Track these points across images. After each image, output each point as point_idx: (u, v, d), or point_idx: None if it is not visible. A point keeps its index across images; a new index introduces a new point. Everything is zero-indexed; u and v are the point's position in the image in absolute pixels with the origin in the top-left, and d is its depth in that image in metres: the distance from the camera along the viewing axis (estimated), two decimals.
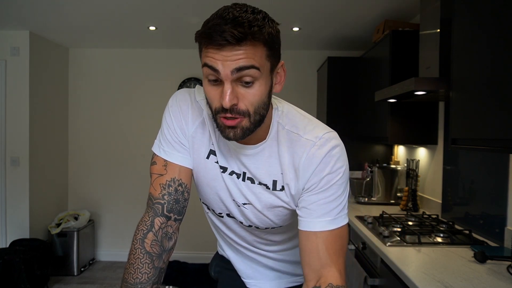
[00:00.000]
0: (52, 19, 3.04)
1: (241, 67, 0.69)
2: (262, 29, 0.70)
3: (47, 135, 3.69)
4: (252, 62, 0.69)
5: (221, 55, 0.69)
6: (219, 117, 0.75)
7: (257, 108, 0.74)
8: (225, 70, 0.69)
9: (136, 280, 0.81)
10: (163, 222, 0.86)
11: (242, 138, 0.77)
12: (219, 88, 0.73)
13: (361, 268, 1.93)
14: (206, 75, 0.74)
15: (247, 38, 0.68)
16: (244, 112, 0.73)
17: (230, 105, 0.71)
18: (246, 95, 0.72)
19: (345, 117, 3.32)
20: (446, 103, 2.34)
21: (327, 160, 0.82)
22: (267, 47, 0.72)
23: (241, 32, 0.67)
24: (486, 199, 1.89)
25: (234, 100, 0.72)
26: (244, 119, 0.74)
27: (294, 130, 0.85)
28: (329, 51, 3.87)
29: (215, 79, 0.72)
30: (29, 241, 3.28)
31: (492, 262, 1.49)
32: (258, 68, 0.71)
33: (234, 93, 0.71)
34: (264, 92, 0.75)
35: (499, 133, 1.25)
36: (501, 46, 1.25)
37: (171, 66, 4.00)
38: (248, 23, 0.68)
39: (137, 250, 0.83)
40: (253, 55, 0.70)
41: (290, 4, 2.65)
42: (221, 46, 0.68)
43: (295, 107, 0.92)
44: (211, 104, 0.76)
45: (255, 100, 0.73)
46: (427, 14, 2.09)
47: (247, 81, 0.71)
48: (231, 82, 0.71)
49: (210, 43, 0.69)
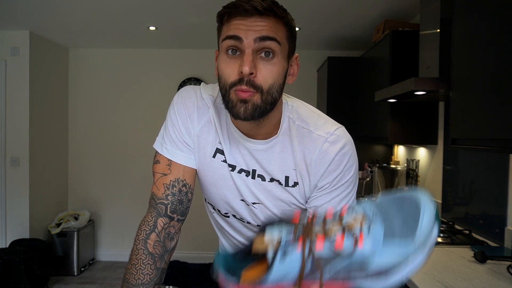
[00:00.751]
0: (52, 19, 3.04)
1: (264, 37, 0.71)
2: (285, 11, 0.75)
3: (47, 135, 3.69)
4: (274, 34, 0.72)
5: (245, 24, 0.71)
6: (233, 90, 0.74)
7: (271, 86, 0.74)
8: (248, 38, 0.71)
9: (138, 281, 0.81)
10: (166, 222, 0.85)
11: (251, 117, 0.75)
12: (238, 60, 0.73)
13: None
14: (226, 48, 0.74)
15: (272, 11, 0.72)
16: (258, 86, 0.73)
17: (249, 72, 0.71)
18: (264, 69, 0.73)
19: (345, 117, 3.31)
20: (446, 103, 2.34)
21: (340, 158, 0.82)
22: (287, 29, 0.75)
23: (267, 4, 0.71)
24: (486, 199, 1.89)
25: (253, 69, 0.72)
26: (256, 94, 0.73)
27: (304, 126, 0.85)
28: (329, 51, 3.87)
29: (235, 50, 0.73)
30: (29, 241, 3.28)
31: (492, 262, 1.49)
32: (279, 42, 0.73)
33: (253, 62, 0.72)
34: (281, 72, 0.75)
35: (499, 133, 1.25)
36: (501, 46, 1.25)
37: (171, 66, 4.00)
38: (272, 2, 0.73)
39: (140, 251, 0.82)
40: (276, 29, 0.73)
41: (290, 4, 2.63)
42: (247, 14, 0.71)
43: (304, 102, 0.92)
44: (227, 79, 0.75)
45: (272, 76, 0.74)
46: (427, 14, 2.10)
47: (268, 52, 0.73)
48: (252, 51, 0.72)
49: (236, 12, 0.72)
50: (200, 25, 3.13)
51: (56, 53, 3.81)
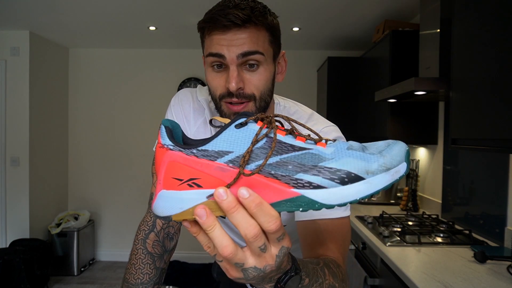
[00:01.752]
0: (52, 19, 3.04)
1: (246, 52, 0.70)
2: (264, 15, 0.72)
3: (47, 135, 3.69)
4: (256, 47, 0.71)
5: (226, 39, 0.70)
6: (224, 103, 0.75)
7: (262, 93, 0.75)
8: (231, 54, 0.70)
9: (138, 280, 0.81)
10: (165, 222, 0.86)
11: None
12: (223, 74, 0.73)
13: (361, 268, 1.93)
14: (210, 63, 0.74)
15: (251, 21, 0.70)
16: (250, 96, 0.74)
17: (237, 88, 0.72)
18: (252, 80, 0.73)
19: (345, 117, 3.32)
20: (446, 103, 2.34)
21: None
22: (269, 33, 0.74)
23: (245, 14, 0.69)
24: (486, 199, 1.89)
25: (240, 83, 0.72)
26: (249, 103, 0.74)
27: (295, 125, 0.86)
28: (329, 51, 3.87)
29: (219, 65, 0.73)
30: (29, 241, 3.28)
31: (492, 262, 1.49)
32: (262, 53, 0.72)
33: (239, 76, 0.72)
34: (268, 77, 0.76)
35: (499, 133, 1.25)
36: (501, 46, 1.25)
37: (171, 66, 4.00)
38: (251, 8, 0.70)
39: (139, 251, 0.83)
40: (257, 39, 0.71)
41: (290, 4, 2.65)
42: (226, 28, 0.70)
43: (297, 103, 0.94)
44: (215, 92, 0.76)
45: (261, 84, 0.74)
46: (427, 14, 2.10)
47: (252, 64, 0.72)
48: (236, 66, 0.72)
49: (215, 27, 0.71)
50: None
51: (56, 53, 3.81)
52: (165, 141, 0.43)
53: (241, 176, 0.41)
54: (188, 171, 0.42)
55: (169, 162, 0.42)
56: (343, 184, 0.41)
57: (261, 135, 0.42)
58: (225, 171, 0.41)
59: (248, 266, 0.43)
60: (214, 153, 0.42)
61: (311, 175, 0.41)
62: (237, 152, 0.42)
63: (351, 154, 0.42)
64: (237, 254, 0.42)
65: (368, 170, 0.41)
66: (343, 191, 0.41)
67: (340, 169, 0.41)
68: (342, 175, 0.41)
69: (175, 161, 0.42)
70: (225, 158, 0.42)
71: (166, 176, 0.42)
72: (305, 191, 0.41)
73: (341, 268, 0.71)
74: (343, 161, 0.41)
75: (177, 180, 0.42)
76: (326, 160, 0.41)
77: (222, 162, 0.42)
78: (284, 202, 0.41)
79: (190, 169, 0.42)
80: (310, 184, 0.41)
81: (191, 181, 0.42)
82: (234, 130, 0.42)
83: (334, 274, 0.66)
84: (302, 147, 0.43)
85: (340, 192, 0.41)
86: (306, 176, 0.41)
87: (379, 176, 0.41)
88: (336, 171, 0.41)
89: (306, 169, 0.41)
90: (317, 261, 0.65)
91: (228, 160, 0.42)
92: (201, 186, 0.42)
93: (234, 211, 0.41)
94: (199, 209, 0.41)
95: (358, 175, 0.41)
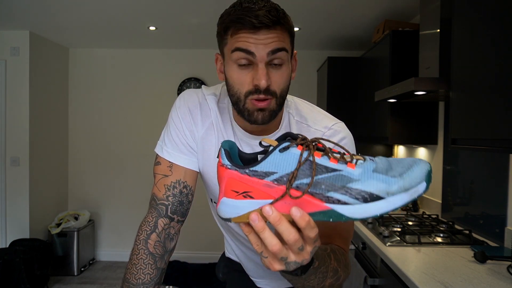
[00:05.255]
0: (52, 19, 3.04)
1: (275, 49, 0.72)
2: (287, 17, 0.76)
3: (47, 135, 3.69)
4: (283, 45, 0.74)
5: (255, 38, 0.72)
6: (250, 99, 0.76)
7: (283, 90, 0.78)
8: (261, 52, 0.72)
9: (139, 280, 0.81)
10: (166, 223, 0.85)
11: (269, 121, 0.79)
12: (249, 71, 0.75)
13: (361, 268, 1.93)
14: (236, 60, 0.75)
15: (279, 23, 0.73)
16: (273, 92, 0.76)
17: (267, 85, 0.74)
18: (276, 77, 0.75)
19: (345, 117, 3.26)
20: (446, 103, 2.34)
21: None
22: (290, 34, 0.77)
23: (275, 16, 0.71)
24: (486, 199, 1.89)
25: (268, 80, 0.74)
26: (272, 99, 0.76)
27: (303, 121, 0.88)
28: (329, 51, 3.87)
29: (246, 63, 0.74)
30: (29, 241, 3.28)
31: (492, 262, 1.49)
32: (287, 50, 0.75)
33: (267, 74, 0.74)
34: (289, 75, 0.79)
35: (499, 133, 1.25)
36: (501, 46, 1.25)
37: (171, 66, 4.00)
38: (276, 10, 0.73)
39: (140, 251, 0.83)
40: (283, 38, 0.74)
41: (290, 4, 2.65)
42: (256, 29, 0.71)
43: (302, 99, 0.95)
44: (240, 88, 0.76)
45: (283, 82, 0.77)
46: (427, 14, 2.10)
47: (277, 63, 0.75)
48: (265, 64, 0.73)
49: (243, 27, 0.72)
50: (200, 25, 3.13)
51: (56, 53, 3.81)
52: (224, 161, 0.53)
53: (286, 195, 0.51)
54: (243, 186, 0.53)
55: (228, 178, 0.53)
56: (365, 202, 0.50)
57: (303, 159, 0.51)
58: (271, 187, 0.52)
59: (290, 261, 0.54)
60: (262, 173, 0.52)
61: (340, 194, 0.50)
62: (281, 173, 0.51)
63: (375, 177, 0.50)
64: (282, 251, 0.52)
65: (388, 191, 0.49)
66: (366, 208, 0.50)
67: (364, 190, 0.50)
68: (365, 196, 0.50)
69: (232, 178, 0.53)
70: (271, 177, 0.52)
71: (227, 188, 0.53)
72: (335, 206, 0.51)
73: (345, 255, 0.81)
74: (367, 183, 0.50)
75: (235, 192, 0.53)
76: (354, 181, 0.50)
77: (269, 180, 0.52)
78: (318, 213, 0.52)
79: (244, 185, 0.53)
80: (339, 201, 0.50)
81: (245, 193, 0.53)
82: (278, 154, 0.52)
83: (338, 260, 0.75)
84: (334, 169, 0.51)
85: (363, 208, 0.50)
86: (336, 194, 0.50)
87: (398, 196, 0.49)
88: (361, 191, 0.50)
89: (336, 188, 0.50)
90: (325, 247, 0.74)
91: (274, 179, 0.52)
92: (253, 197, 0.52)
93: (278, 224, 0.51)
94: (253, 214, 0.51)
95: (379, 195, 0.49)
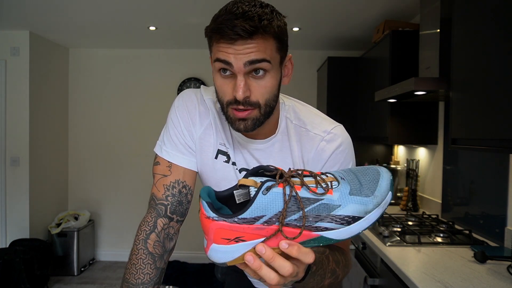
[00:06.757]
0: (52, 19, 3.04)
1: (253, 60, 0.70)
2: (271, 23, 0.72)
3: (47, 135, 3.69)
4: (263, 55, 0.71)
5: (233, 49, 0.70)
6: (230, 108, 0.76)
7: (267, 100, 0.76)
8: (238, 63, 0.71)
9: (138, 280, 0.81)
10: (165, 223, 0.85)
11: (252, 130, 0.78)
12: (231, 81, 0.74)
13: (361, 268, 1.93)
14: (217, 69, 0.74)
15: (258, 32, 0.69)
16: (255, 103, 0.74)
17: (244, 97, 0.72)
18: (258, 87, 0.74)
19: (345, 117, 3.31)
20: (446, 103, 2.34)
21: (336, 156, 0.84)
22: (276, 40, 0.74)
23: (252, 26, 0.68)
24: (486, 199, 1.89)
25: (247, 92, 0.73)
26: (254, 110, 0.75)
27: (301, 125, 0.87)
28: (329, 51, 3.87)
29: (228, 73, 0.74)
30: (29, 241, 3.28)
31: (492, 262, 1.49)
32: (269, 61, 0.72)
33: (246, 85, 0.73)
34: (274, 84, 0.76)
35: (499, 133, 1.25)
36: (501, 45, 1.25)
37: (171, 66, 4.00)
38: (258, 17, 0.69)
39: (140, 251, 0.83)
40: (264, 48, 0.71)
41: (290, 4, 2.65)
42: (233, 40, 0.69)
43: (301, 102, 0.94)
44: (222, 97, 0.76)
45: (266, 92, 0.75)
46: (427, 14, 2.10)
47: (259, 73, 0.73)
48: (243, 74, 0.72)
49: (222, 37, 0.70)
50: (200, 25, 3.13)
51: (56, 53, 3.81)
52: (209, 214, 0.54)
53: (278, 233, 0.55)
54: (234, 233, 0.54)
55: (216, 229, 0.54)
56: (349, 224, 0.56)
57: (287, 198, 0.53)
58: (261, 229, 0.54)
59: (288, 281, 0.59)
60: (251, 219, 0.53)
61: (326, 222, 0.55)
62: (269, 215, 0.54)
63: (353, 200, 0.56)
64: (280, 281, 0.56)
65: (366, 211, 0.56)
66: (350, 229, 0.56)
67: (347, 215, 0.55)
68: (348, 219, 0.55)
69: (221, 228, 0.54)
70: (261, 221, 0.54)
71: (216, 237, 0.55)
72: (323, 233, 0.56)
73: (345, 255, 0.83)
74: (348, 208, 0.56)
75: (226, 239, 0.54)
76: (336, 208, 0.55)
77: (259, 224, 0.54)
78: (308, 241, 0.56)
79: (235, 232, 0.54)
80: (326, 228, 0.56)
81: (237, 238, 0.54)
82: (262, 196, 0.53)
83: (337, 261, 0.76)
84: (316, 199, 0.55)
85: (348, 230, 0.56)
86: (323, 223, 0.55)
87: (374, 212, 0.56)
88: (344, 217, 0.55)
89: (322, 218, 0.55)
90: (324, 250, 0.75)
91: (264, 222, 0.54)
92: (245, 240, 0.54)
93: (272, 261, 0.54)
94: (248, 256, 0.54)
95: (360, 216, 0.56)
